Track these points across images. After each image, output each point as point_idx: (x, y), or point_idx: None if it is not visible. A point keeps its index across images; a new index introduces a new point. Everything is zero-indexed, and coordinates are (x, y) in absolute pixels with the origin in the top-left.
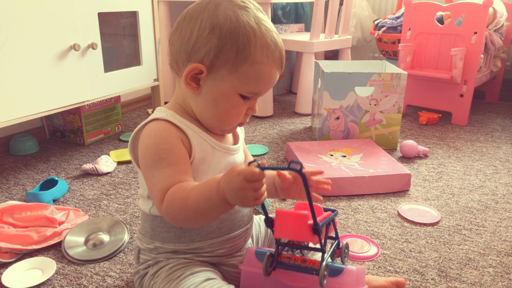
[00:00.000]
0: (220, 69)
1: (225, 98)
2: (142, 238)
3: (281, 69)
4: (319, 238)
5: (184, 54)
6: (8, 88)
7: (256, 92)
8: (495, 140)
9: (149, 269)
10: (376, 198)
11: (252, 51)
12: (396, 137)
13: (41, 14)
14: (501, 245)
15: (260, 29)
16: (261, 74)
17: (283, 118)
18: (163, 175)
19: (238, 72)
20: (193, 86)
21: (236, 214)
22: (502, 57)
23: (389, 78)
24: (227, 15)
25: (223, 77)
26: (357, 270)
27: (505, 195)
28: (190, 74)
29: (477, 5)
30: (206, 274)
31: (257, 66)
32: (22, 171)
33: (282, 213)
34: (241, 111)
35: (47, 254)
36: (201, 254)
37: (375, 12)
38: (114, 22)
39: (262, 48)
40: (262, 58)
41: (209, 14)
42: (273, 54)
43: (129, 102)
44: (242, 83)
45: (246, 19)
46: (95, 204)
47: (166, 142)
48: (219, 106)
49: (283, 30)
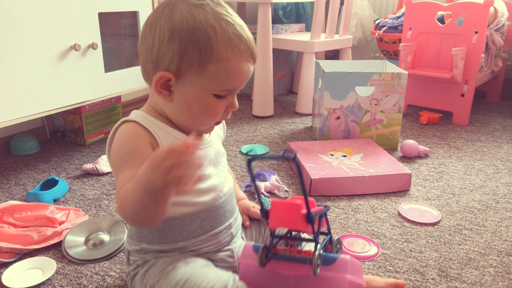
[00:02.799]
0: (187, 73)
1: (198, 101)
2: (130, 241)
3: (253, 60)
4: (312, 228)
5: (151, 64)
6: (8, 88)
7: (229, 89)
8: (496, 140)
9: (138, 269)
10: (377, 198)
11: (214, 49)
12: (396, 137)
13: (41, 14)
14: (501, 245)
15: (220, 24)
16: (229, 71)
17: (283, 118)
18: (124, 177)
19: (206, 73)
20: (165, 94)
21: (218, 210)
22: (503, 57)
23: (389, 78)
24: (183, 17)
25: (192, 81)
26: (351, 260)
27: (506, 195)
28: (159, 83)
29: (478, 4)
30: (200, 261)
31: (223, 63)
32: (23, 171)
33: (277, 203)
34: (217, 110)
35: (47, 254)
36: (186, 252)
37: (375, 11)
38: (115, 22)
39: (225, 43)
40: (227, 53)
41: (166, 19)
42: (238, 47)
43: (129, 102)
44: (212, 83)
45: (203, 17)
46: (96, 204)
47: (131, 145)
48: (193, 109)
49: (283, 30)
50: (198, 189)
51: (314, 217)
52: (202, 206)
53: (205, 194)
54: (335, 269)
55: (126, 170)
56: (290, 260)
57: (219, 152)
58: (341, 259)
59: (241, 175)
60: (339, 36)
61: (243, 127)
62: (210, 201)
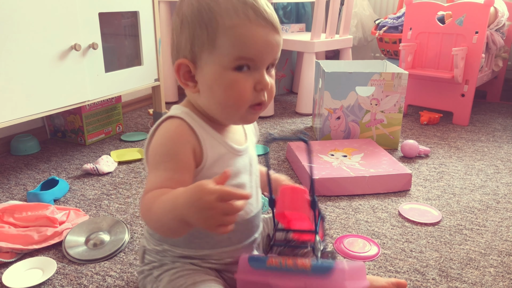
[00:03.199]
0: (201, 54)
1: (217, 81)
2: (150, 239)
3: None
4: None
5: (173, 59)
6: (9, 88)
7: (245, 57)
8: (497, 140)
9: (153, 270)
10: (377, 198)
11: (219, 20)
12: (397, 137)
13: (41, 14)
14: (502, 245)
15: None
16: (239, 37)
17: (284, 118)
18: (155, 177)
19: (217, 47)
20: (191, 86)
21: (248, 224)
22: (503, 57)
23: (390, 78)
24: (189, 3)
25: (207, 61)
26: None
27: (506, 195)
28: (181, 73)
29: (478, 4)
30: (209, 284)
31: (231, 31)
32: (23, 171)
33: (284, 189)
34: (242, 88)
35: (47, 254)
36: (208, 260)
37: (376, 11)
38: (115, 22)
39: (229, 11)
40: (233, 21)
41: (177, 11)
42: (244, 12)
43: (130, 102)
44: (225, 56)
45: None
46: (96, 204)
47: (172, 146)
48: (215, 92)
49: (284, 30)
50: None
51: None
52: None
53: None
54: (332, 279)
55: (160, 171)
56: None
57: (254, 159)
58: (338, 268)
59: None
60: (339, 36)
61: None
62: (242, 213)
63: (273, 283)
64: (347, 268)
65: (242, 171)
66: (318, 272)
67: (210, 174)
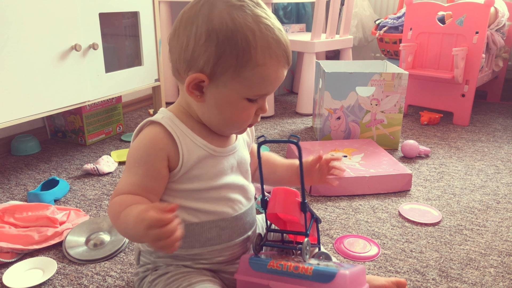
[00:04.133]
0: (222, 76)
1: (230, 104)
2: None
3: (288, 65)
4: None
5: (184, 63)
6: (9, 88)
7: (262, 94)
8: (497, 140)
9: (148, 272)
10: (377, 198)
11: (253, 54)
12: (397, 137)
13: (42, 15)
14: (502, 245)
15: (260, 28)
16: (265, 76)
17: (284, 118)
18: (126, 179)
19: (241, 77)
20: (196, 95)
21: (237, 221)
22: (504, 57)
23: (390, 78)
24: (222, 19)
25: (226, 84)
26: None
27: (507, 195)
28: (192, 84)
29: (478, 4)
30: (204, 285)
31: (260, 68)
32: (24, 171)
33: (276, 190)
34: (249, 114)
35: (48, 254)
36: (200, 261)
37: (376, 12)
38: (115, 22)
39: (264, 49)
40: (265, 59)
41: (204, 19)
42: (277, 53)
43: (130, 102)
44: (246, 87)
45: (243, 20)
46: (96, 204)
47: (144, 154)
48: (225, 112)
49: (284, 30)
50: (217, 197)
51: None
52: (222, 215)
53: (224, 203)
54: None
55: (131, 175)
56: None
57: (242, 159)
58: (340, 275)
59: None
60: (339, 36)
61: None
62: (229, 211)
63: (273, 286)
64: (349, 275)
65: (226, 172)
66: (319, 278)
67: (191, 176)
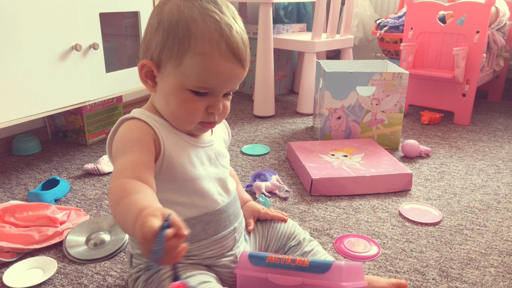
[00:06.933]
0: (167, 64)
1: (174, 95)
2: (132, 244)
3: (237, 63)
4: None
5: (142, 53)
6: (10, 88)
7: (205, 86)
8: (498, 140)
9: (141, 273)
10: (378, 198)
11: (192, 42)
12: (398, 136)
13: (42, 15)
14: (502, 245)
15: (204, 19)
16: (205, 66)
17: (284, 118)
18: (123, 161)
19: (182, 66)
20: (149, 84)
21: (221, 214)
22: (504, 56)
23: (390, 78)
24: (171, 10)
25: (169, 73)
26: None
27: (507, 195)
28: (143, 71)
29: (479, 4)
30: (199, 277)
31: (199, 57)
32: (24, 171)
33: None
34: (195, 108)
35: (48, 254)
36: (190, 257)
37: (377, 11)
38: (116, 22)
39: (204, 38)
40: (204, 48)
41: (158, 10)
42: (218, 45)
43: (130, 102)
44: (187, 77)
45: (188, 11)
46: (97, 204)
47: (135, 134)
48: (170, 103)
49: (285, 30)
50: (196, 189)
51: None
52: (204, 209)
53: (205, 196)
54: (330, 277)
55: (126, 155)
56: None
57: (220, 153)
58: (335, 266)
59: (242, 175)
60: (340, 36)
61: (244, 127)
62: (211, 204)
63: (271, 279)
64: (344, 266)
65: (204, 162)
66: (315, 269)
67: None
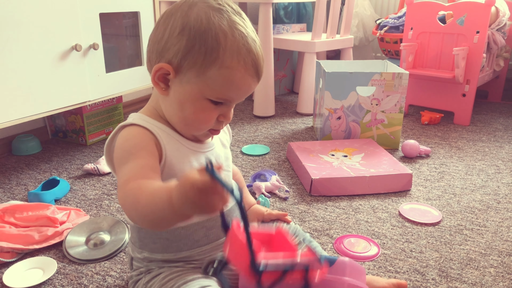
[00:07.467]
0: (188, 71)
1: (191, 102)
2: (133, 247)
3: (257, 78)
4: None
5: (156, 53)
6: (10, 88)
7: (225, 98)
8: (498, 140)
9: (142, 275)
10: (377, 198)
11: (220, 55)
12: (397, 137)
13: (42, 15)
14: (502, 245)
15: (233, 33)
16: (230, 80)
17: (284, 118)
18: (130, 167)
19: (206, 76)
20: (161, 87)
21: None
22: (505, 57)
23: (390, 78)
24: (198, 16)
25: (190, 80)
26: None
27: (507, 195)
28: (158, 74)
29: (479, 4)
30: (200, 282)
31: (226, 70)
32: (24, 171)
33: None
34: (209, 116)
35: (48, 254)
36: (191, 262)
37: (377, 11)
38: (116, 22)
39: (233, 52)
40: (232, 63)
41: (182, 14)
42: (245, 60)
43: (131, 102)
44: (209, 87)
45: (218, 21)
46: (96, 204)
47: (138, 140)
48: (185, 109)
49: (285, 30)
50: None
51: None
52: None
53: None
54: (333, 272)
55: (133, 161)
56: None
57: (219, 156)
58: (339, 261)
59: (242, 175)
60: (340, 36)
61: (244, 127)
62: None
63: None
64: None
65: None
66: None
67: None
